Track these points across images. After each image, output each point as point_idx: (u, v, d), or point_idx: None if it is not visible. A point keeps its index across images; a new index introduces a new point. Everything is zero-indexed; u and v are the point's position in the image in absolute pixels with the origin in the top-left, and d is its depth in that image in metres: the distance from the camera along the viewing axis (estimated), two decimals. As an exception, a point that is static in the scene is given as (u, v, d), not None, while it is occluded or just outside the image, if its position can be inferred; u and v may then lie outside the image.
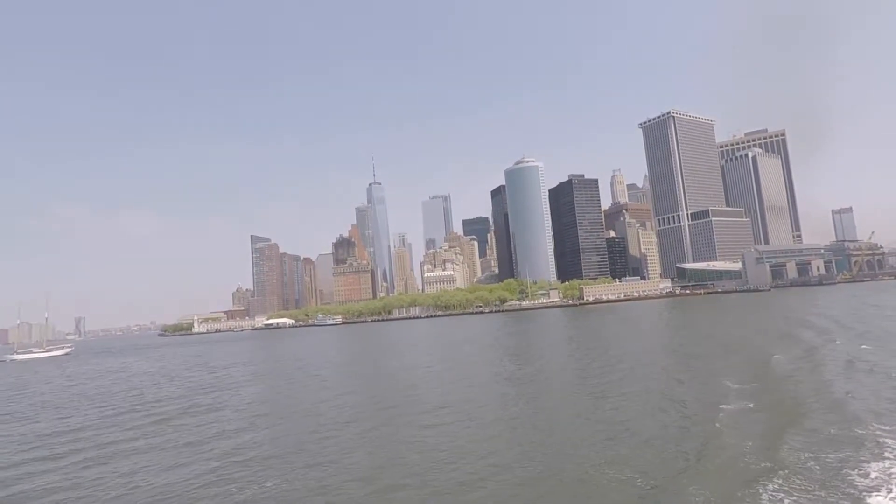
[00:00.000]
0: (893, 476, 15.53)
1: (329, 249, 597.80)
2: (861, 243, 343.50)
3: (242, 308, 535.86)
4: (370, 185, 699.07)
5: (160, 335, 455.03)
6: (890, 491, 14.49)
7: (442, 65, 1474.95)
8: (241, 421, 34.19)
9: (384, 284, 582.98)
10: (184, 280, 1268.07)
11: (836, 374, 32.42)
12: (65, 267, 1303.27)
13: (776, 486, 15.52)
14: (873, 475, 15.67)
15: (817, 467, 16.84)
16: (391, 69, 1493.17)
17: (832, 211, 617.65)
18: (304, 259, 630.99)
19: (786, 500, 14.58)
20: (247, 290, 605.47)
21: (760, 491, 15.36)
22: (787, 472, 16.65)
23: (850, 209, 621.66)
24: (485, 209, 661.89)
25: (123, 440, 30.89)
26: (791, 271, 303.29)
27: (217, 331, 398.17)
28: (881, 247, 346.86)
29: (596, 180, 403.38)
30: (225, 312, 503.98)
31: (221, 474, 22.13)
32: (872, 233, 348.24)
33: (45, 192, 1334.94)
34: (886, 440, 18.79)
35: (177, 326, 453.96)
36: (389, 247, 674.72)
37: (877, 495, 14.31)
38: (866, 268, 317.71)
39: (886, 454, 17.42)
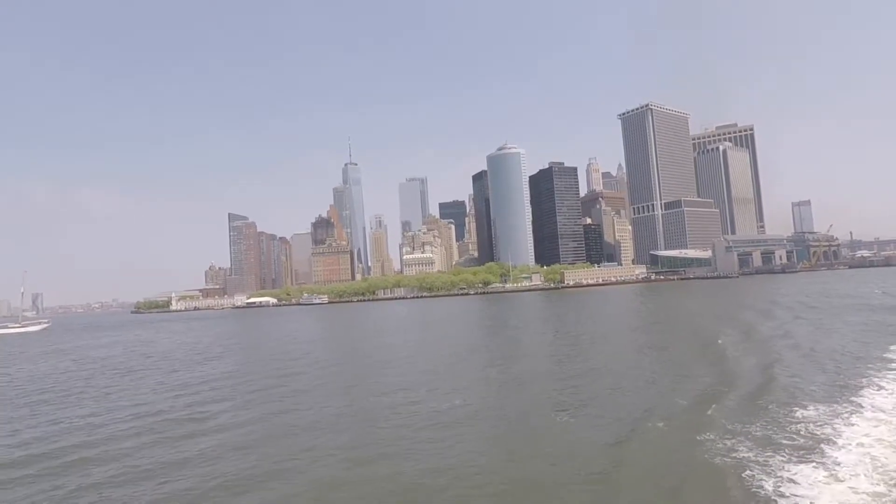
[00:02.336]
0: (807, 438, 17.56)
1: (303, 229, 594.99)
2: (819, 235, 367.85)
3: (218, 286, 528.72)
4: (346, 165, 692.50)
5: (133, 312, 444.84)
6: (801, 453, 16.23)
7: (419, 50, 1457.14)
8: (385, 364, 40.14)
9: (360, 266, 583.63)
10: (147, 258, 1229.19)
11: (775, 346, 38.33)
12: (19, 242, 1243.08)
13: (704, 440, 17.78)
14: (793, 440, 17.43)
15: (745, 428, 18.76)
16: (369, 51, 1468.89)
17: (792, 203, 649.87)
18: (280, 238, 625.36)
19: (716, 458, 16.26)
20: (220, 268, 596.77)
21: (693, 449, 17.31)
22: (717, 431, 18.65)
23: (809, 202, 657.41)
24: (461, 193, 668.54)
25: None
26: (756, 260, 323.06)
27: (196, 308, 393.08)
28: (837, 238, 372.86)
29: (575, 168, 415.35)
30: (200, 291, 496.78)
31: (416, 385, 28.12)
32: (831, 225, 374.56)
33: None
34: (810, 408, 20.78)
35: (152, 303, 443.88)
36: (365, 228, 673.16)
37: (790, 458, 15.91)
38: (823, 258, 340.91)
39: (803, 420, 19.45)
